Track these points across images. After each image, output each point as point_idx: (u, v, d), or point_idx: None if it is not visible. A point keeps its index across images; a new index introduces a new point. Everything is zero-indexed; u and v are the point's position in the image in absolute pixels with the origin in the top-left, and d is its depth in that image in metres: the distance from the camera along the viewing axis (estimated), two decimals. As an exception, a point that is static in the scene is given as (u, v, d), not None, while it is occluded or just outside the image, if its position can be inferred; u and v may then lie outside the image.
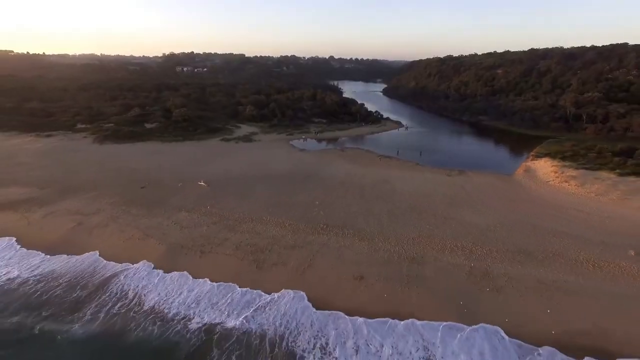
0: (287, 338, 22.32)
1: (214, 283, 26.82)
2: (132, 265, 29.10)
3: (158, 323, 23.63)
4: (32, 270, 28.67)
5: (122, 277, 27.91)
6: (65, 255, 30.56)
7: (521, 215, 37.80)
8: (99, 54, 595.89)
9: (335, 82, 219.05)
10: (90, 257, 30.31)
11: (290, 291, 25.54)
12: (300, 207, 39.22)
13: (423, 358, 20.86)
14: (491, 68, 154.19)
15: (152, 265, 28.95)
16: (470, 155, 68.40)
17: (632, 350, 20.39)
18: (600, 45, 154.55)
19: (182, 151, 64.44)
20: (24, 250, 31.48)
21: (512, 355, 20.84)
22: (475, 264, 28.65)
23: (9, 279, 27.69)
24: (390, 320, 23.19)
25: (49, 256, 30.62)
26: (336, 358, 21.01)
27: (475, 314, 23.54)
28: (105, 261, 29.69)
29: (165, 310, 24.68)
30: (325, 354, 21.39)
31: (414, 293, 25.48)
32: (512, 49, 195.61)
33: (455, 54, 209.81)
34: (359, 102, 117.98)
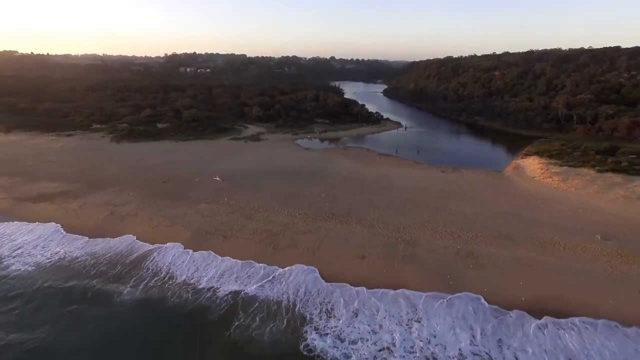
0: (299, 303, 26.67)
1: (236, 260, 31.25)
2: (163, 245, 33.56)
3: (190, 292, 28.04)
4: (79, 250, 33.15)
5: (155, 255, 32.34)
6: (104, 239, 35.03)
7: (506, 207, 42.17)
8: (101, 54, 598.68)
9: (337, 83, 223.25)
10: (127, 240, 34.76)
11: (303, 266, 29.99)
12: (308, 199, 43.63)
13: (412, 319, 25.19)
14: (489, 70, 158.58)
15: (182, 246, 33.39)
16: (465, 154, 72.81)
17: (584, 312, 24.74)
18: (596, 47, 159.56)
19: (195, 149, 68.91)
20: (69, 234, 35.94)
21: (488, 317, 25.16)
22: (461, 246, 33.03)
23: (60, 257, 32.15)
24: (386, 290, 27.57)
25: (90, 239, 35.09)
26: (339, 319, 25.38)
27: (459, 285, 27.89)
28: (140, 242, 34.15)
29: (195, 282, 29.09)
30: (330, 316, 25.71)
31: (408, 269, 29.87)
32: (513, 49, 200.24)
33: (456, 54, 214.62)
34: (360, 103, 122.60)
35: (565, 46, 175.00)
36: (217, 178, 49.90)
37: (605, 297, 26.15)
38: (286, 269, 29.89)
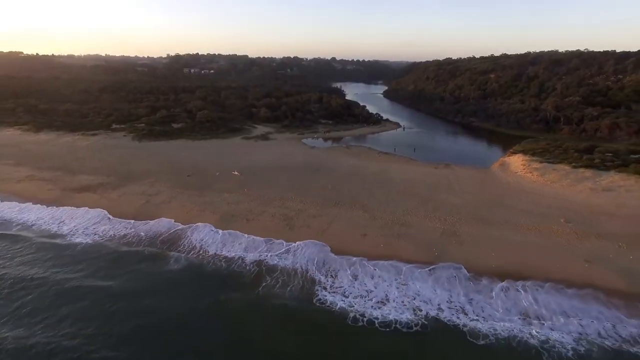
0: (311, 270, 33.08)
1: (258, 237, 37.79)
2: (196, 225, 40.15)
3: (223, 260, 34.55)
4: (126, 230, 39.75)
5: (190, 234, 38.86)
6: (145, 220, 41.60)
7: (488, 197, 48.67)
8: (103, 54, 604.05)
9: (339, 85, 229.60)
10: (165, 221, 41.31)
11: (315, 241, 36.55)
12: (317, 190, 50.18)
13: (401, 282, 31.51)
14: (484, 72, 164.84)
15: (212, 226, 39.95)
16: (457, 152, 79.29)
17: (538, 276, 31.22)
18: (591, 50, 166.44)
19: (211, 148, 75.48)
20: (114, 218, 42.52)
21: (464, 281, 31.56)
22: (446, 227, 39.54)
23: (112, 235, 38.78)
24: (383, 261, 34.06)
25: (134, 221, 41.67)
26: (343, 281, 31.81)
27: (443, 257, 34.34)
28: (177, 223, 40.72)
29: (226, 253, 35.58)
30: (336, 279, 32.09)
31: (401, 244, 36.38)
32: (513, 48, 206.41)
33: (457, 54, 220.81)
34: (361, 104, 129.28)
35: (566, 46, 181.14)
36: (236, 172, 56.49)
37: (558, 264, 32.65)
38: (301, 243, 36.47)
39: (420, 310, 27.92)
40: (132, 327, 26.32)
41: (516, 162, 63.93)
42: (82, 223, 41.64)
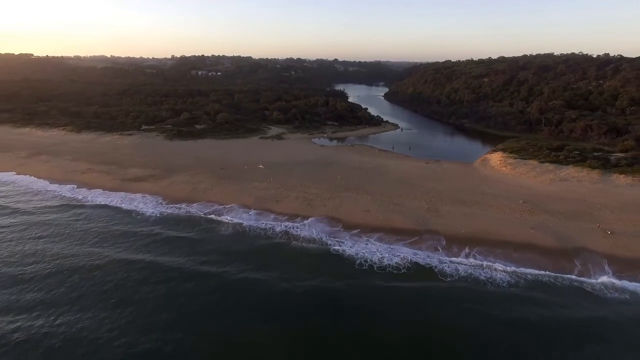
0: (325, 236, 44.60)
1: (286, 213, 49.49)
2: (235, 205, 51.86)
3: (260, 229, 46.21)
4: (180, 210, 51.47)
5: (232, 211, 50.54)
6: (194, 203, 53.32)
7: (466, 185, 60.28)
8: (108, 55, 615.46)
9: (341, 87, 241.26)
10: (211, 204, 53.06)
11: (331, 215, 48.27)
12: (328, 180, 61.86)
13: (390, 245, 43.19)
14: (479, 77, 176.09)
15: (249, 206, 51.63)
16: (448, 150, 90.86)
17: (494, 238, 42.85)
18: (579, 52, 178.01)
19: (234, 146, 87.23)
20: (169, 203, 54.23)
21: (442, 242, 43.18)
22: (430, 205, 51.18)
23: (171, 212, 50.51)
24: (380, 232, 45.66)
25: (186, 204, 53.38)
26: (344, 243, 43.21)
27: (426, 226, 45.94)
28: (220, 205, 52.44)
29: (261, 225, 47.23)
30: (341, 243, 43.57)
31: (395, 217, 47.97)
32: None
33: (458, 55, 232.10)
34: (363, 106, 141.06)
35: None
36: (261, 166, 68.24)
37: (511, 231, 44.21)
38: (319, 217, 48.19)
39: (405, 259, 39.56)
40: (202, 261, 38.07)
41: (495, 158, 75.46)
42: (145, 204, 53.40)
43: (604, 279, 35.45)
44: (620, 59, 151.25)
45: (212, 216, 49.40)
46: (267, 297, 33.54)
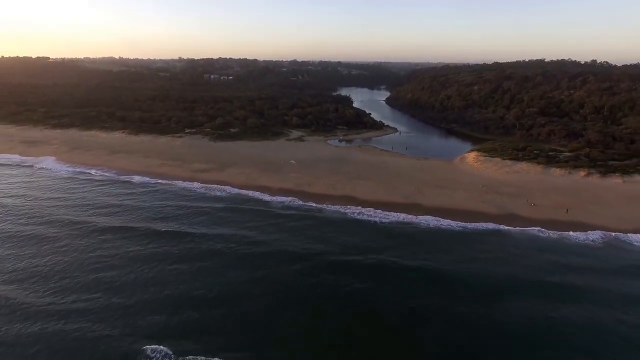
0: (345, 208, 67.08)
1: (317, 192, 71.99)
2: (283, 188, 74.44)
3: (300, 206, 68.67)
4: (245, 191, 74.03)
5: (280, 192, 73.05)
6: (254, 188, 75.83)
7: (446, 175, 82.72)
8: (117, 56, 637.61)
9: (346, 92, 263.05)
10: (263, 189, 75.56)
11: (349, 194, 70.88)
12: (344, 172, 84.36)
13: (385, 213, 65.67)
14: (470, 85, 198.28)
15: (289, 189, 74.16)
16: (436, 149, 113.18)
17: (455, 209, 65.33)
18: (557, 59, 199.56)
19: (266, 146, 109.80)
20: (231, 187, 76.71)
21: (422, 210, 65.62)
22: (417, 189, 73.66)
23: (234, 194, 73.18)
24: (382, 205, 68.08)
25: (237, 189, 75.82)
26: (363, 211, 65.68)
27: (416, 200, 68.38)
28: (271, 189, 74.93)
29: (302, 204, 69.69)
30: (361, 210, 66.06)
31: (393, 196, 70.40)
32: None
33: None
34: (367, 112, 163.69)
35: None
36: (293, 162, 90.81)
37: (468, 205, 66.59)
38: (339, 195, 70.81)
39: (396, 218, 62.01)
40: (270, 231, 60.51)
41: (470, 156, 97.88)
42: (218, 187, 76.01)
43: (519, 229, 57.83)
44: (589, 71, 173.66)
45: (267, 195, 71.96)
46: (327, 241, 56.06)
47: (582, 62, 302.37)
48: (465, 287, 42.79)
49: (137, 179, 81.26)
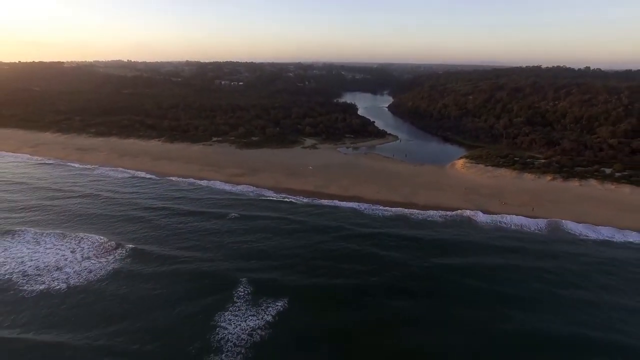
0: (355, 204, 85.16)
1: (335, 195, 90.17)
2: (302, 190, 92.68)
3: (318, 205, 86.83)
4: (272, 193, 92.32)
5: (302, 193, 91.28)
6: (279, 190, 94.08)
7: (437, 179, 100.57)
8: (125, 60, 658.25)
9: (350, 99, 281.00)
10: (287, 191, 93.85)
11: (357, 195, 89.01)
12: (353, 175, 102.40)
13: (389, 207, 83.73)
14: (465, 94, 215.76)
15: (310, 192, 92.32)
16: (431, 156, 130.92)
17: (438, 205, 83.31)
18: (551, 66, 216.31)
19: (286, 153, 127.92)
20: (264, 189, 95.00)
21: (415, 206, 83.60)
22: (412, 190, 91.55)
23: (264, 195, 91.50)
24: (383, 203, 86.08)
25: (273, 192, 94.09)
26: (368, 208, 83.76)
27: (411, 199, 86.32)
28: (295, 189, 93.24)
29: (319, 203, 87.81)
30: (361, 208, 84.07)
31: (393, 195, 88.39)
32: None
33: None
34: (371, 119, 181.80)
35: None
36: (310, 167, 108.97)
37: (452, 203, 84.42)
38: (350, 195, 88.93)
39: (396, 213, 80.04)
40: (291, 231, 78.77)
41: (459, 163, 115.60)
42: (250, 189, 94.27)
43: (489, 220, 75.59)
44: (576, 82, 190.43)
45: (289, 195, 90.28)
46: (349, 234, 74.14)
47: (576, 69, 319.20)
48: (439, 249, 64.83)
49: (182, 180, 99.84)
